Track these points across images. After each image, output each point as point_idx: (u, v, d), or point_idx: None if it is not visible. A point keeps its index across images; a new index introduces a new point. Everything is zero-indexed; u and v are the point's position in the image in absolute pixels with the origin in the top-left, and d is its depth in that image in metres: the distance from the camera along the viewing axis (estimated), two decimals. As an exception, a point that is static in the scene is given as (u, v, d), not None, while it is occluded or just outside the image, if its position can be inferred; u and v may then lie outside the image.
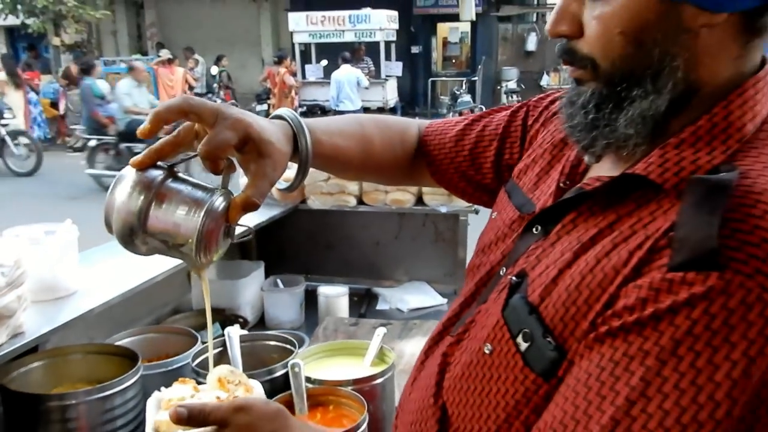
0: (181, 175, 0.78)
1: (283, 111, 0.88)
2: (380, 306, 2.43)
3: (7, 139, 9.50)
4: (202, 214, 0.74)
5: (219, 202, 0.76)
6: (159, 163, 0.76)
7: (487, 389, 0.74)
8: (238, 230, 0.82)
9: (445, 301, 2.43)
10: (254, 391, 1.00)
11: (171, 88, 11.05)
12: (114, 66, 12.23)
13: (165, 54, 11.48)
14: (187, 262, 0.77)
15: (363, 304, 2.42)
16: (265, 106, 11.60)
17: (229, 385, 1.00)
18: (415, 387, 0.89)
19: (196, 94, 11.25)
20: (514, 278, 0.75)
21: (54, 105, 12.08)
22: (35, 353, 1.38)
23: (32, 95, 11.13)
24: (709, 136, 0.67)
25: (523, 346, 0.70)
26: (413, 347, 1.85)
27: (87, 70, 8.91)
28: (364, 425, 1.22)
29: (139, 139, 1.14)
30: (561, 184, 0.82)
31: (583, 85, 0.73)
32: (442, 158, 1.07)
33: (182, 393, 0.95)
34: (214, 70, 13.00)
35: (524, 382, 0.70)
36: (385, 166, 1.07)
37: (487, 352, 0.75)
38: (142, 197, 0.72)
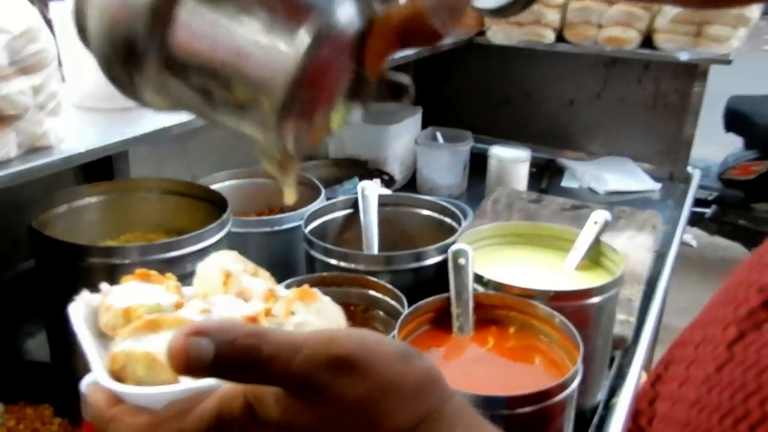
0: None
1: None
2: (566, 182, 1.83)
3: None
4: (306, 35, 0.32)
5: (347, 13, 0.34)
6: None
7: None
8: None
9: (658, 186, 1.78)
10: (333, 309, 0.47)
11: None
12: None
13: None
14: (255, 140, 0.36)
15: (544, 177, 1.83)
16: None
17: (247, 283, 0.49)
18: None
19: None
20: None
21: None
22: (80, 187, 0.97)
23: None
24: None
25: None
26: (625, 248, 1.26)
27: None
28: (576, 380, 0.69)
29: None
30: None
31: None
32: None
33: (144, 297, 0.46)
34: None
35: None
36: None
37: None
38: None
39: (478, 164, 1.68)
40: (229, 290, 0.47)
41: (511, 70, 1.98)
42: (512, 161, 1.59)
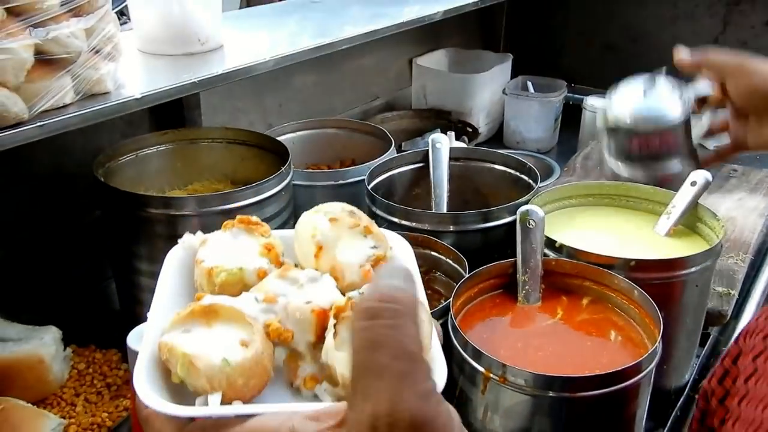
0: None
1: None
2: (672, 138, 1.66)
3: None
4: None
5: None
6: None
7: None
8: None
9: (780, 144, 1.58)
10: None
11: None
12: None
13: None
14: None
15: (646, 132, 1.67)
16: None
17: (344, 254, 0.45)
18: None
19: None
20: None
21: None
22: (146, 135, 0.97)
23: None
24: None
25: None
26: (733, 212, 1.13)
27: None
28: (654, 362, 0.60)
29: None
30: None
31: None
32: None
33: (231, 258, 0.44)
34: None
35: None
36: None
37: None
38: None
39: (573, 117, 1.55)
40: (321, 264, 0.44)
41: (617, 11, 1.81)
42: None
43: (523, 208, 0.73)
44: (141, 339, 0.62)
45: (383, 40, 1.25)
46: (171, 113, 1.08)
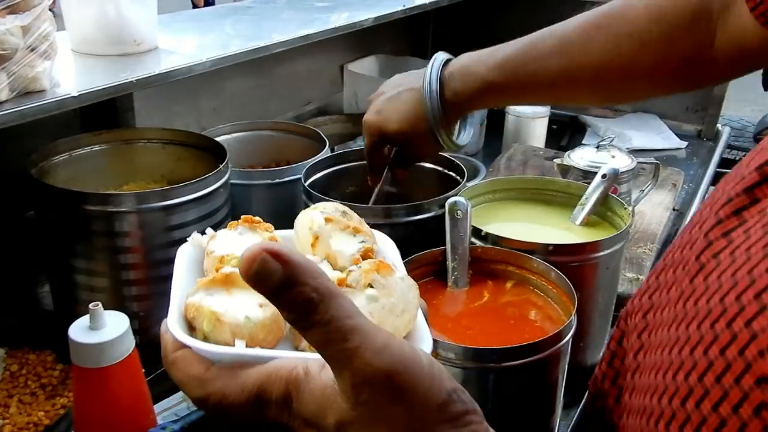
0: None
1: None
2: (588, 140, 1.77)
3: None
4: None
5: None
6: None
7: None
8: None
9: (684, 144, 1.72)
10: (406, 290, 0.44)
11: None
12: None
13: None
14: None
15: (564, 135, 1.78)
16: None
17: (337, 246, 0.48)
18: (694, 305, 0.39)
19: None
20: None
21: None
22: (81, 135, 0.97)
23: None
24: None
25: None
26: (641, 205, 1.22)
27: None
28: (570, 333, 0.67)
29: None
30: None
31: None
32: None
33: (240, 247, 0.47)
34: None
35: None
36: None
37: None
38: None
39: (497, 121, 1.64)
40: (317, 252, 0.48)
41: (536, 20, 1.91)
42: (531, 117, 1.55)
43: (452, 199, 0.78)
44: (84, 331, 0.64)
45: (316, 45, 1.29)
46: (103, 116, 1.08)
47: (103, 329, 0.65)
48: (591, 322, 0.82)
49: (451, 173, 1.01)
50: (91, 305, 0.64)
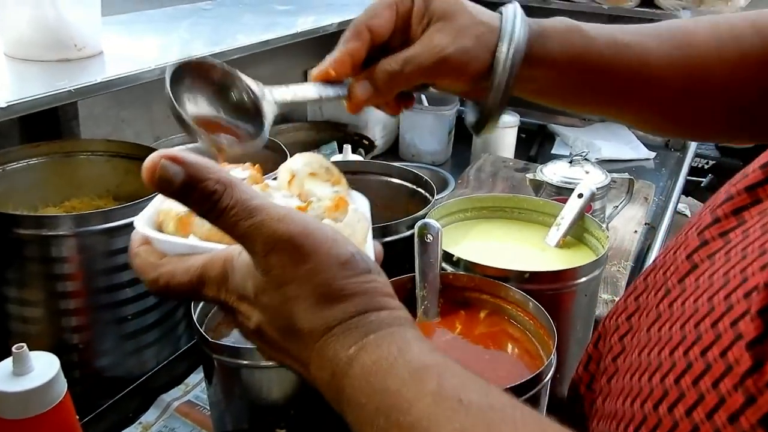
0: None
1: None
2: (557, 150, 1.75)
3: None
4: None
5: None
6: None
7: None
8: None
9: (652, 155, 1.70)
10: (355, 220, 0.47)
11: None
12: None
13: None
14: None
15: (533, 144, 1.75)
16: None
17: (311, 187, 0.51)
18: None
19: None
20: None
21: None
22: (16, 148, 0.89)
23: None
24: None
25: None
26: (614, 221, 1.19)
27: None
28: (551, 370, 0.62)
29: None
30: None
31: None
32: None
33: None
34: None
35: None
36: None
37: None
38: None
39: (465, 130, 1.58)
40: (291, 190, 0.50)
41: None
42: (500, 127, 1.50)
43: (421, 222, 0.72)
44: (7, 378, 0.57)
45: (278, 50, 1.22)
46: (45, 125, 1.00)
47: (30, 374, 0.57)
48: (568, 352, 0.78)
49: (419, 189, 0.95)
50: (14, 347, 0.57)
